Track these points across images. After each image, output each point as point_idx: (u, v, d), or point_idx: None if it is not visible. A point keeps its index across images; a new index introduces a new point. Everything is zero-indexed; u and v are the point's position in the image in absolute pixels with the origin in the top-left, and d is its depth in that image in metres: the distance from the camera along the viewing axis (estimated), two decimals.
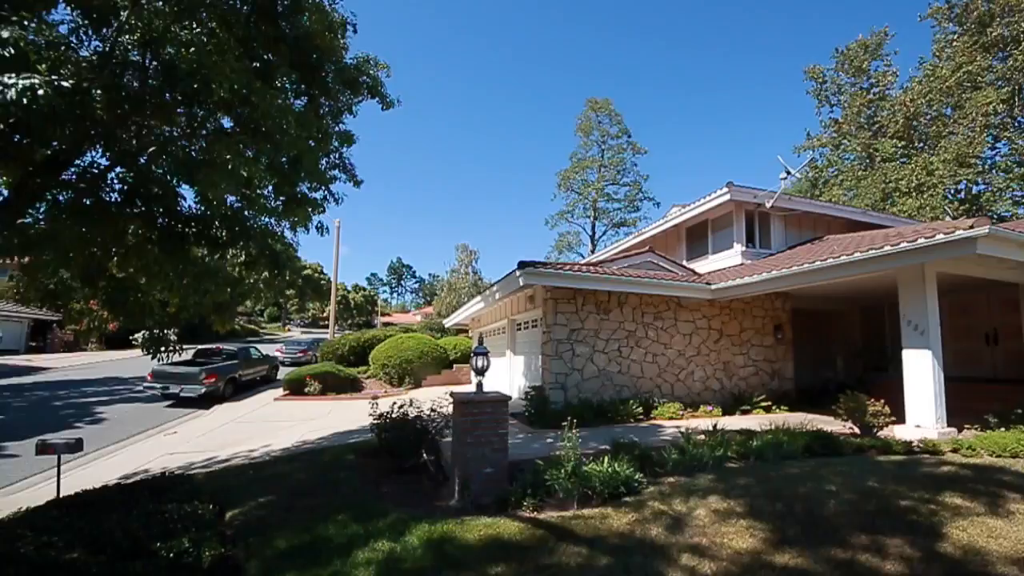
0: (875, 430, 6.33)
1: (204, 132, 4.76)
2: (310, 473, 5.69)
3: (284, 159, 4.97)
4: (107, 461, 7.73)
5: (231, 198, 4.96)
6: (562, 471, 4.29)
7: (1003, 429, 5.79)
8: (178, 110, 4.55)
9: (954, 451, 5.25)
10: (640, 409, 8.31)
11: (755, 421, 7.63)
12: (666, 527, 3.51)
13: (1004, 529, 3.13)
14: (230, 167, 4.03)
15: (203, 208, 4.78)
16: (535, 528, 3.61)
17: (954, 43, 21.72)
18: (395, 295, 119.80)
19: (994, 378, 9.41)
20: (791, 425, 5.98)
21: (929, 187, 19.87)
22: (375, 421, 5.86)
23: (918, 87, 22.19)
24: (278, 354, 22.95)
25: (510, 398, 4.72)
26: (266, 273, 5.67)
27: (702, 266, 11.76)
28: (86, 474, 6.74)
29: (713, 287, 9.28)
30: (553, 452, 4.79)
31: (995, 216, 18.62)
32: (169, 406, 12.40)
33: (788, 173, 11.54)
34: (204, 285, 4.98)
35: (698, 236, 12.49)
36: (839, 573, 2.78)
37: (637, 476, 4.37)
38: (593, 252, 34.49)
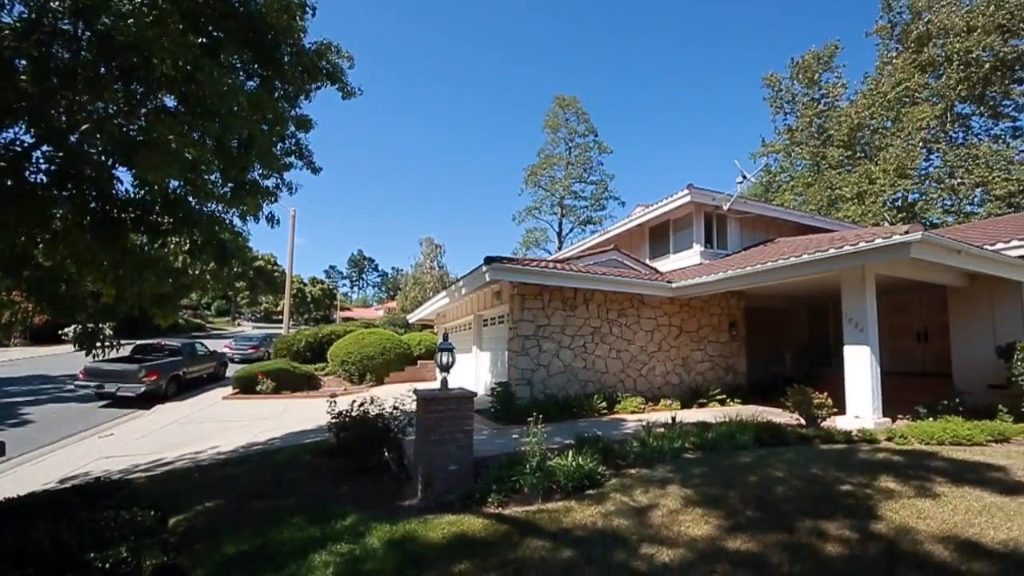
0: (819, 421, 6.73)
1: (144, 111, 4.40)
2: (263, 475, 5.43)
3: (234, 141, 4.66)
4: (34, 467, 7.09)
5: (174, 182, 4.61)
6: (527, 466, 4.30)
7: (931, 419, 6.31)
8: (114, 86, 4.18)
9: (888, 439, 5.65)
10: (604, 404, 8.51)
11: (711, 413, 7.94)
12: (627, 518, 3.58)
13: (932, 510, 3.39)
14: (173, 149, 3.74)
15: (142, 192, 4.42)
16: (500, 524, 3.60)
17: (895, 60, 23.37)
18: (356, 289, 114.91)
19: (924, 372, 10.23)
20: (743, 417, 6.27)
21: (870, 195, 21.32)
22: (333, 420, 5.66)
23: (863, 100, 23.72)
24: (227, 350, 21.73)
25: (475, 395, 4.68)
26: (213, 264, 5.32)
27: (664, 265, 12.10)
28: (9, 481, 6.15)
29: (674, 285, 9.57)
30: (519, 448, 4.80)
31: (928, 223, 20.23)
32: (104, 406, 11.53)
33: (744, 177, 12.08)
34: (143, 275, 4.61)
35: (660, 236, 12.84)
36: (786, 556, 2.92)
37: (600, 469, 4.44)
38: (560, 249, 34.81)
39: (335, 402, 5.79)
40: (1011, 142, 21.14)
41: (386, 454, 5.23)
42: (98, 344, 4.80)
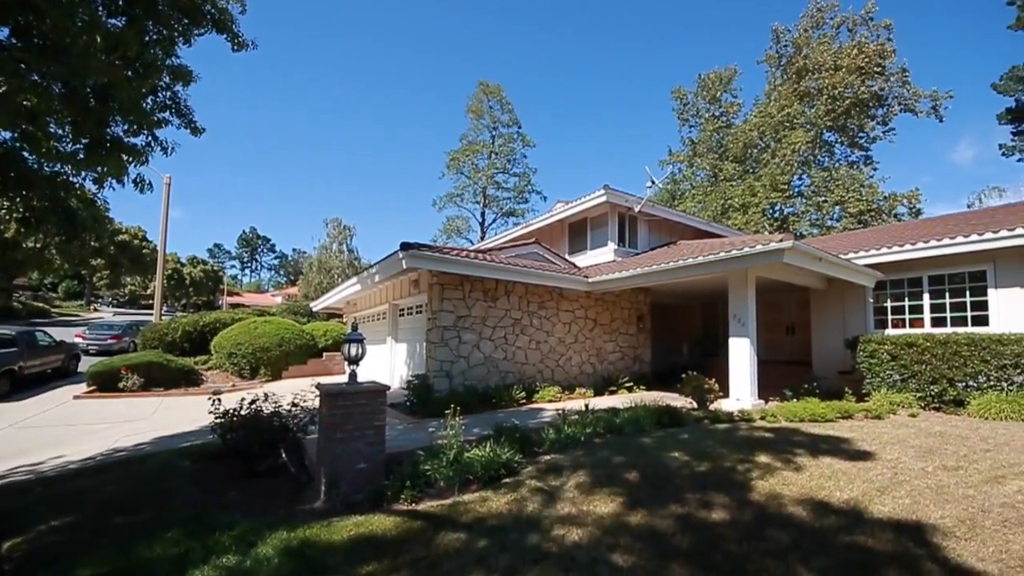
0: (708, 404, 7.52)
1: None
2: (128, 485, 4.68)
3: (89, 89, 3.85)
4: None
5: (4, 133, 3.71)
6: (443, 459, 4.21)
7: (795, 400, 7.34)
8: None
9: (762, 418, 6.48)
10: (523, 394, 8.67)
11: (620, 400, 8.49)
12: (540, 502, 3.67)
13: (794, 478, 3.94)
14: (2, 92, 2.99)
15: None
16: (412, 520, 3.47)
17: (780, 88, 26.77)
18: (248, 272, 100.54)
19: (791, 361, 11.92)
20: (647, 402, 6.79)
21: (752, 206, 24.29)
22: (219, 420, 5.05)
23: (753, 120, 26.87)
24: (79, 340, 18.40)
25: (388, 388, 4.45)
26: (59, 236, 4.37)
27: (581, 260, 12.63)
28: None
29: (590, 280, 10.04)
30: (436, 441, 4.69)
31: (797, 234, 23.55)
32: None
33: (653, 183, 13.00)
34: None
35: (579, 232, 13.36)
36: (678, 526, 3.19)
37: (517, 458, 4.50)
38: (483, 239, 34.73)
39: (219, 400, 5.16)
40: (864, 168, 25.44)
41: (283, 455, 4.79)
42: None
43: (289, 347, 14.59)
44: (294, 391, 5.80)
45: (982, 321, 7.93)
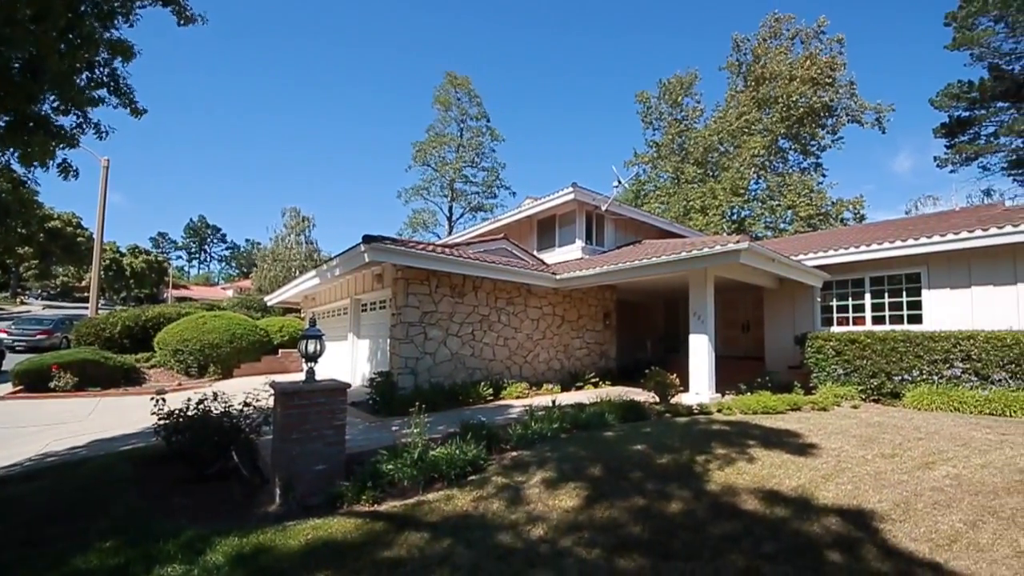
0: (670, 398, 7.76)
1: None
2: (62, 493, 4.32)
3: (16, 63, 3.50)
4: None
5: None
6: (407, 458, 4.13)
7: (749, 393, 7.70)
8: None
9: (719, 411, 6.75)
10: (491, 391, 8.64)
11: (586, 395, 8.62)
12: (506, 499, 3.67)
13: (747, 468, 4.12)
14: None
15: None
16: (374, 522, 3.38)
17: (739, 95, 27.88)
18: (196, 263, 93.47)
19: (745, 356, 12.49)
20: (612, 397, 6.93)
21: (713, 208, 25.25)
22: (163, 421, 4.74)
23: (713, 125, 27.88)
24: (3, 336, 17.14)
25: (349, 386, 4.31)
26: None
27: (550, 257, 12.73)
28: None
29: (558, 277, 10.13)
30: (400, 440, 4.60)
31: (753, 236, 24.68)
32: None
33: (619, 182, 13.29)
34: None
35: (547, 229, 13.45)
36: (639, 517, 3.28)
37: (484, 455, 4.48)
38: (451, 233, 34.28)
39: (164, 400, 4.85)
40: (814, 175, 26.93)
41: (235, 457, 4.56)
42: None
43: (241, 343, 13.86)
44: (247, 390, 5.53)
45: (917, 319, 8.59)
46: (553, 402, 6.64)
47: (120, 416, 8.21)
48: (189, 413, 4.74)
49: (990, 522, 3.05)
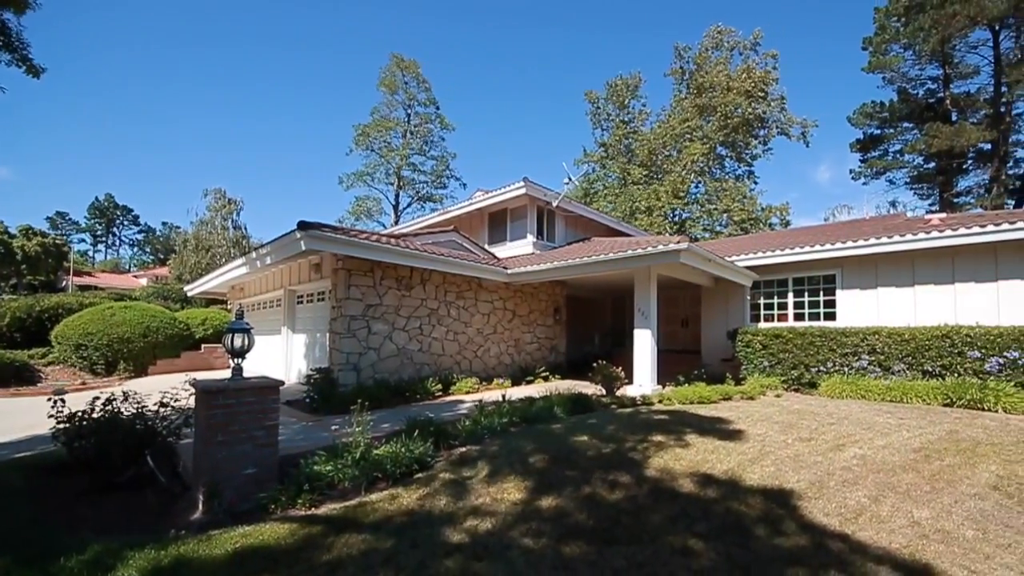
0: (615, 390, 8.05)
1: None
2: None
3: None
4: None
5: None
6: (348, 458, 3.95)
7: (687, 385, 8.15)
8: None
9: (660, 402, 7.09)
10: (439, 386, 8.49)
11: (536, 389, 8.73)
12: (453, 495, 3.61)
13: (683, 454, 4.35)
14: None
15: None
16: (311, 526, 3.20)
17: (683, 101, 29.32)
18: (103, 248, 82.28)
19: (684, 350, 13.22)
20: (561, 391, 7.07)
21: (657, 209, 26.47)
22: (63, 425, 4.23)
23: (658, 129, 29.15)
24: None
25: (282, 383, 4.04)
26: None
27: (501, 251, 12.73)
28: None
29: (509, 272, 10.15)
30: (340, 440, 4.39)
31: (693, 237, 26.16)
32: None
33: (569, 179, 13.54)
34: None
35: (499, 222, 13.44)
36: (584, 505, 3.35)
37: (431, 451, 4.39)
38: (397, 223, 33.24)
39: (64, 401, 4.32)
40: (746, 182, 28.95)
41: (151, 463, 4.15)
42: None
43: (157, 338, 12.62)
44: (164, 389, 5.02)
45: (832, 316, 9.49)
46: (503, 397, 6.65)
47: (10, 420, 7.20)
48: (95, 415, 4.24)
49: (889, 496, 3.43)
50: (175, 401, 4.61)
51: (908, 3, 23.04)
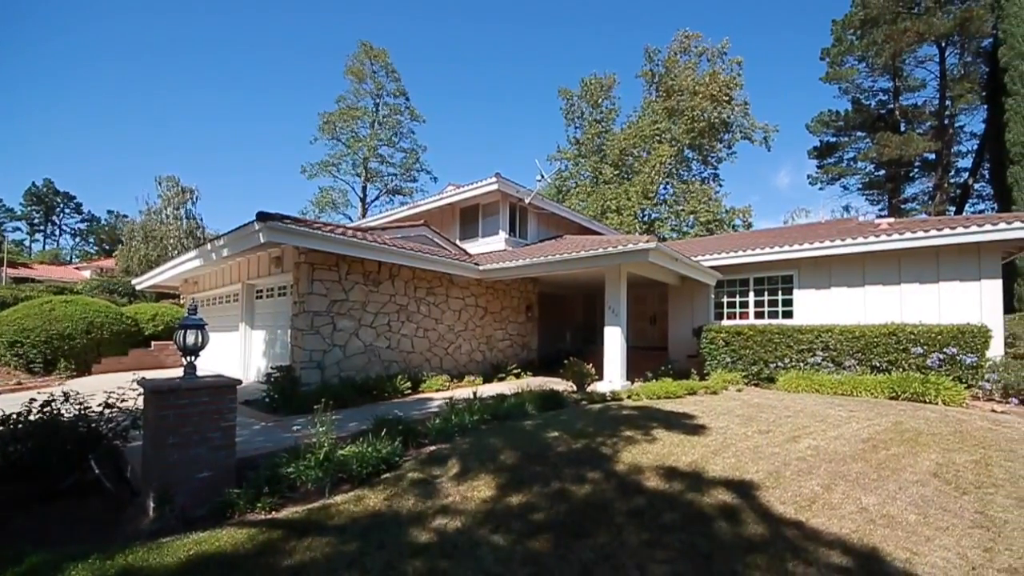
0: (586, 386, 8.15)
1: None
2: None
3: None
4: None
5: None
6: (312, 459, 3.82)
7: (655, 380, 8.34)
8: None
9: (629, 397, 7.23)
10: (409, 384, 8.35)
11: (508, 386, 8.73)
12: (422, 494, 3.56)
13: (651, 448, 4.45)
14: None
15: None
16: (271, 530, 3.08)
17: (653, 103, 29.94)
18: (41, 237, 75.93)
19: (652, 347, 13.56)
20: (533, 387, 7.09)
21: (627, 209, 26.97)
22: None
23: (629, 130, 29.67)
24: None
25: (239, 382, 3.85)
26: None
27: (473, 247, 12.63)
28: None
29: (481, 268, 10.09)
30: (303, 440, 4.24)
31: (661, 237, 26.80)
32: None
33: (542, 176, 13.54)
34: None
35: (471, 218, 13.31)
36: (554, 500, 3.37)
37: (399, 451, 4.31)
38: (364, 216, 32.40)
39: None
40: (712, 184, 29.91)
41: (95, 468, 3.89)
42: None
43: (102, 334, 11.78)
44: (109, 389, 4.72)
45: (789, 315, 9.93)
46: (474, 394, 6.60)
47: None
48: (31, 418, 3.93)
49: (840, 484, 3.61)
50: (122, 402, 4.33)
51: (864, 17, 24.31)
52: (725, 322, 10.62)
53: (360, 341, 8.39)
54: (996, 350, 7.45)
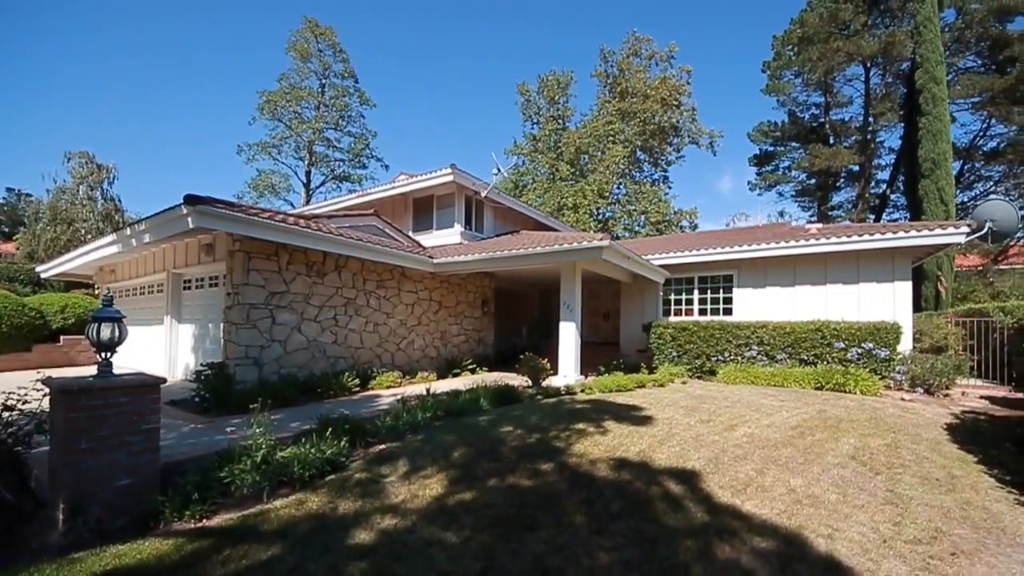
0: (541, 381, 8.25)
1: None
2: None
3: None
4: None
5: None
6: (248, 462, 3.57)
7: (607, 374, 8.58)
8: None
9: (582, 391, 7.39)
10: (357, 381, 8.02)
11: (463, 382, 8.63)
12: (369, 495, 3.44)
13: (601, 439, 4.56)
14: None
15: None
16: (200, 539, 2.85)
17: (607, 104, 30.65)
18: None
19: (605, 342, 13.96)
20: (488, 383, 7.05)
21: (583, 207, 27.53)
22: None
23: (584, 129, 30.25)
24: None
25: (164, 381, 3.52)
26: None
27: (427, 240, 12.37)
28: None
29: (435, 261, 9.90)
30: (239, 443, 3.95)
31: (614, 235, 27.58)
32: None
33: (499, 170, 13.49)
34: None
35: (425, 209, 13.02)
36: (507, 495, 3.37)
37: (345, 451, 4.13)
38: (308, 203, 30.69)
39: None
40: (662, 186, 31.14)
41: None
42: None
43: (0, 327, 10.61)
44: (9, 389, 4.18)
45: (729, 312, 10.55)
46: (427, 390, 6.48)
47: None
48: None
49: (772, 469, 3.87)
50: (23, 403, 3.84)
51: (801, 35, 26.11)
52: (672, 318, 11.11)
53: (303, 336, 7.96)
54: (906, 345, 8.31)
